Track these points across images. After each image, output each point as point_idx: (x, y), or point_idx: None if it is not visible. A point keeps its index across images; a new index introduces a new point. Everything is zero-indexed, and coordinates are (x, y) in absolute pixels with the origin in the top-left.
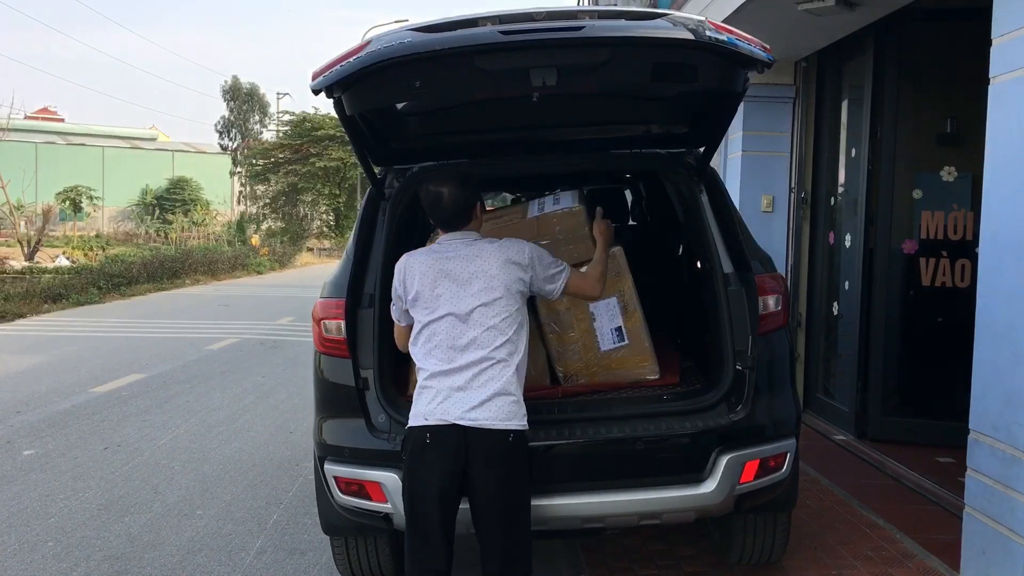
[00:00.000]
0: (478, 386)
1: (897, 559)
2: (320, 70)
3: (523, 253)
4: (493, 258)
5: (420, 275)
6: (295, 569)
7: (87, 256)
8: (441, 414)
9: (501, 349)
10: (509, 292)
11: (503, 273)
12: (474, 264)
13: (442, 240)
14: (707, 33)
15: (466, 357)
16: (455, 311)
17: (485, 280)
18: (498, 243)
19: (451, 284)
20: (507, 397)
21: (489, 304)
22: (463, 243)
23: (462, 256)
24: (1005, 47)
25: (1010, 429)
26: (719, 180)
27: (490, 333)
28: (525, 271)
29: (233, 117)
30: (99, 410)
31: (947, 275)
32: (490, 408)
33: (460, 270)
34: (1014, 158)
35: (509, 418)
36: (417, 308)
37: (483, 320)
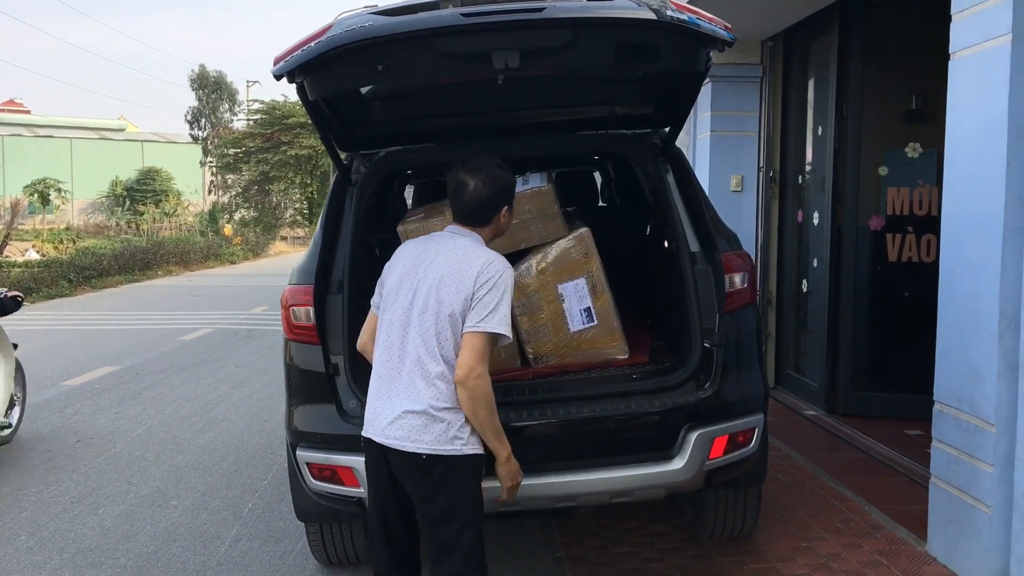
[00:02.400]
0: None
1: (866, 530)
2: (282, 55)
3: (468, 288)
4: (447, 268)
5: (400, 262)
6: (270, 557)
7: (57, 249)
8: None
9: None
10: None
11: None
12: (434, 266)
13: (447, 228)
14: (669, 13)
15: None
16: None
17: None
18: (469, 261)
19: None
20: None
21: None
22: (450, 240)
23: (434, 253)
24: (963, 23)
25: (973, 400)
26: (685, 160)
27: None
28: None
29: (202, 106)
30: (71, 403)
31: (913, 250)
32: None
33: (425, 268)
34: (974, 133)
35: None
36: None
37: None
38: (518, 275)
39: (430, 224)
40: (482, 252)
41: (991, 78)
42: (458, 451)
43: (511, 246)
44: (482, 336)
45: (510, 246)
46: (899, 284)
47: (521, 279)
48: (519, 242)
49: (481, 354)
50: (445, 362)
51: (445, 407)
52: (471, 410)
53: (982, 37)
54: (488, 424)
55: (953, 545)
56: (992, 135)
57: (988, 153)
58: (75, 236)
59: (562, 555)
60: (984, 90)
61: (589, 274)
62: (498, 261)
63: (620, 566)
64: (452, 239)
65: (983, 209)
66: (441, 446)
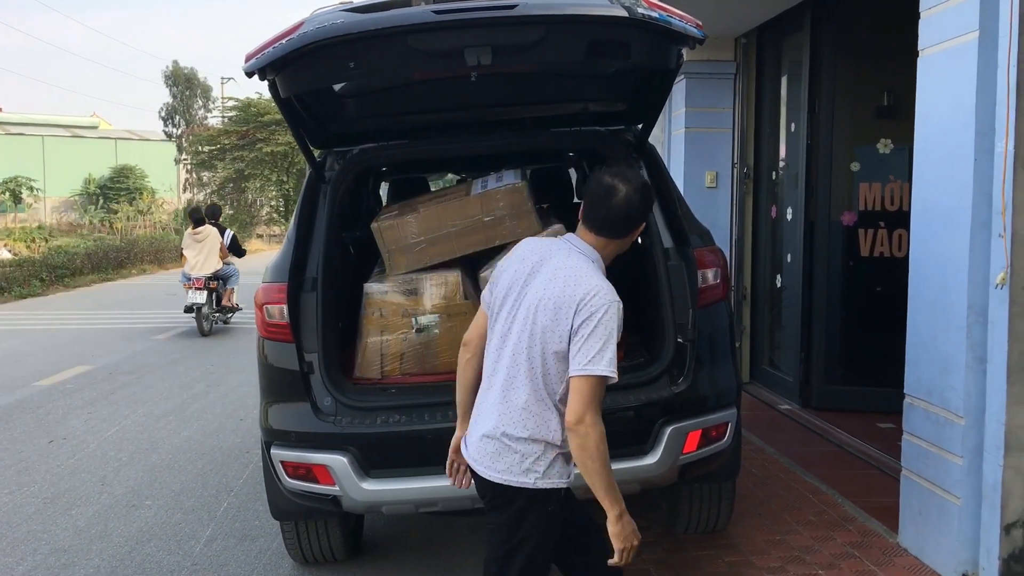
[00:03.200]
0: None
1: (838, 523)
2: (253, 52)
3: (567, 321)
4: (549, 290)
5: (514, 264)
6: (246, 556)
7: (29, 248)
8: None
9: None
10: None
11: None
12: (541, 284)
13: (567, 236)
14: (640, 10)
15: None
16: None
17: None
18: (574, 288)
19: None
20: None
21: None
22: (565, 256)
23: (547, 267)
24: (932, 20)
25: (943, 393)
26: (658, 156)
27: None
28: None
29: (176, 103)
30: (44, 403)
31: (885, 245)
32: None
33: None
34: (942, 129)
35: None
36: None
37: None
38: (491, 272)
39: (404, 221)
40: (590, 279)
41: (958, 75)
42: (531, 484)
43: (485, 243)
44: (590, 380)
45: (484, 242)
46: (871, 279)
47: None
48: (493, 239)
49: (590, 399)
50: (532, 391)
51: (522, 437)
52: (580, 460)
53: (950, 34)
54: (598, 476)
55: (923, 536)
56: (960, 131)
57: (956, 149)
58: (48, 234)
59: None
60: (952, 87)
61: None
62: (603, 293)
63: None
64: (568, 255)
65: (951, 204)
66: (514, 477)
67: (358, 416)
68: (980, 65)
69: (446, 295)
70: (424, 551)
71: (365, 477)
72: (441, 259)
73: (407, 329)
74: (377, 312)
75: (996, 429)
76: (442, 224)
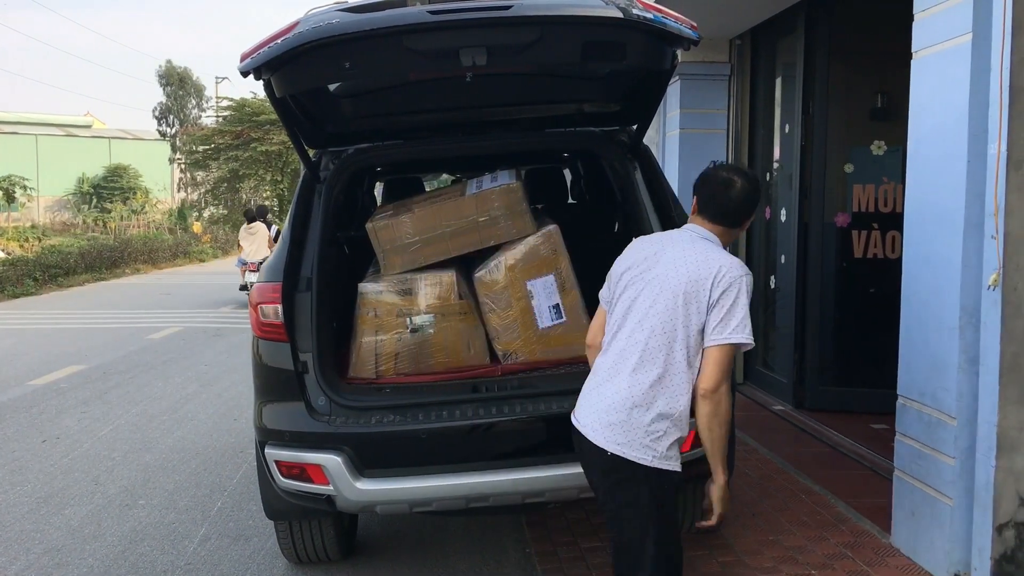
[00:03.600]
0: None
1: (831, 523)
2: (248, 52)
3: (704, 296)
4: (683, 272)
5: (630, 258)
6: (239, 555)
7: (23, 247)
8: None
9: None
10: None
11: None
12: (670, 268)
13: (687, 227)
14: (635, 11)
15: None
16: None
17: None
18: (708, 265)
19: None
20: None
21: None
22: (690, 242)
23: (672, 254)
24: (926, 22)
25: (935, 394)
26: (652, 157)
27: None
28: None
29: (170, 103)
30: (37, 403)
31: (878, 247)
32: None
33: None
34: (936, 131)
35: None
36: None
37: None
38: (486, 272)
39: (399, 221)
40: (721, 256)
41: (952, 77)
42: (648, 461)
43: (480, 243)
44: (726, 348)
45: (479, 243)
46: (865, 280)
47: (489, 276)
48: (488, 239)
49: (725, 368)
50: (659, 366)
51: (654, 414)
52: (708, 425)
53: (943, 36)
54: (721, 442)
55: (916, 537)
56: (953, 133)
57: (949, 151)
58: (41, 234)
59: (532, 550)
60: (945, 89)
61: (558, 271)
62: (736, 267)
63: (590, 561)
64: (692, 241)
65: (944, 206)
66: (632, 451)
67: (352, 416)
68: (973, 67)
69: (441, 295)
70: (418, 551)
71: (359, 477)
72: (436, 259)
73: (402, 329)
74: (372, 312)
75: (988, 430)
76: (437, 224)
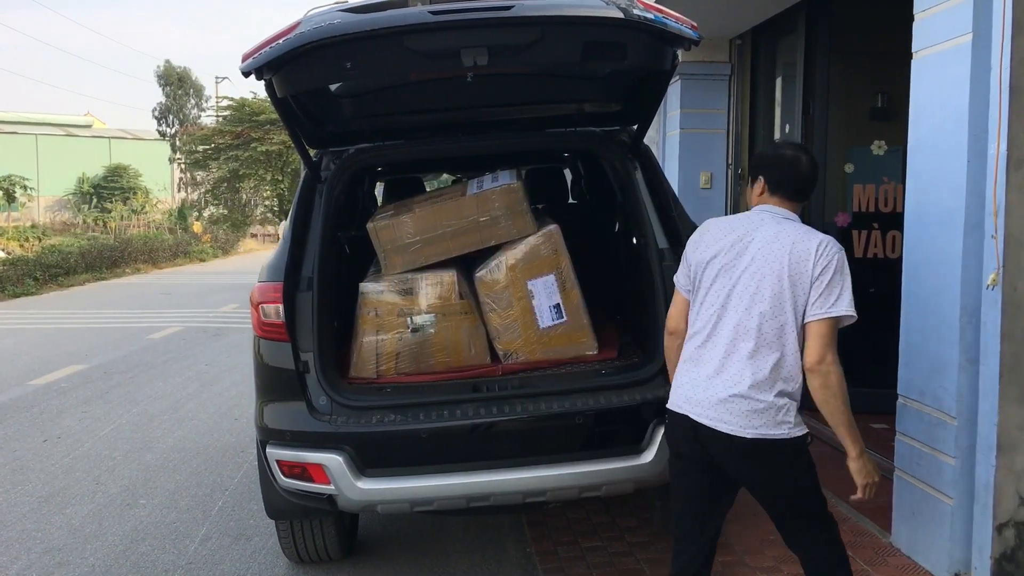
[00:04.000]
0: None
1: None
2: (249, 52)
3: (807, 274)
4: (780, 252)
5: (711, 241)
6: (241, 554)
7: (23, 247)
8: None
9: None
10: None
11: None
12: (764, 249)
13: (760, 208)
14: (636, 12)
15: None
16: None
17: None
18: (805, 243)
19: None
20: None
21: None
22: (774, 222)
23: (761, 234)
24: (926, 22)
25: (936, 393)
26: (653, 157)
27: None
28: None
29: (169, 102)
30: (38, 402)
31: (879, 247)
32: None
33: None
34: (936, 131)
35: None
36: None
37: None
38: (486, 272)
39: (400, 221)
40: (814, 233)
41: (952, 77)
42: (786, 435)
43: (480, 243)
44: (830, 322)
45: (480, 243)
46: (865, 280)
47: (490, 275)
48: (489, 239)
49: (830, 341)
50: (777, 348)
51: (769, 391)
52: (823, 399)
53: (944, 37)
54: (840, 415)
55: (916, 536)
56: (953, 133)
57: (949, 151)
58: (41, 233)
59: (532, 550)
60: (945, 89)
61: (558, 270)
62: (832, 242)
63: (590, 560)
64: (778, 222)
65: (945, 206)
66: (769, 430)
67: (353, 415)
68: (973, 67)
69: (441, 295)
70: (419, 550)
71: (360, 476)
72: (437, 259)
73: (402, 329)
74: (373, 312)
75: (988, 429)
76: (438, 224)
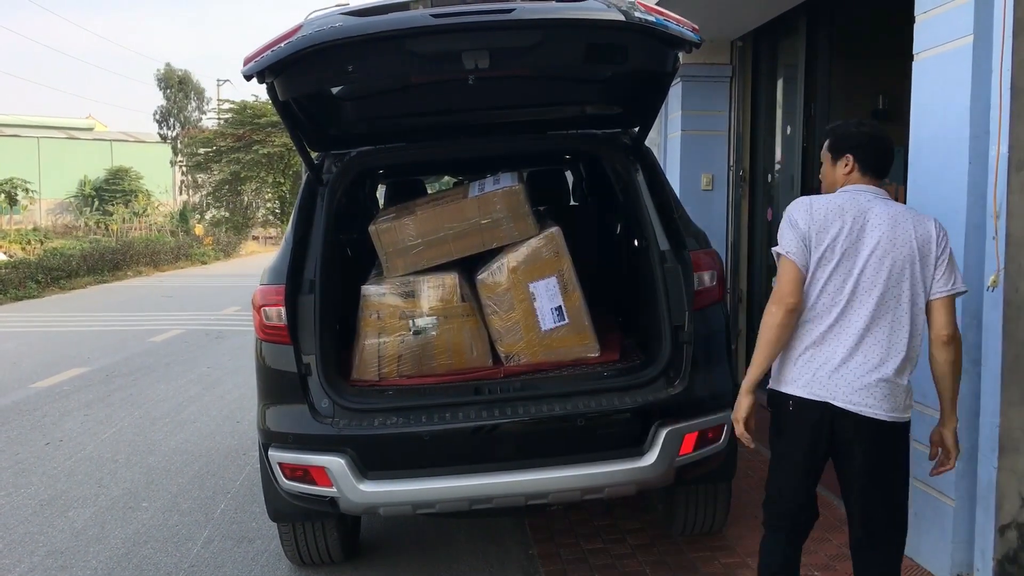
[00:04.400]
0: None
1: (835, 524)
2: (251, 55)
3: (932, 253)
4: (906, 232)
5: (826, 219)
6: (243, 557)
7: (24, 250)
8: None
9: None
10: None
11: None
12: (891, 230)
13: (856, 187)
14: (637, 14)
15: None
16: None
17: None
18: (923, 224)
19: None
20: None
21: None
22: (883, 203)
23: (876, 215)
24: (927, 24)
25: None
26: (654, 159)
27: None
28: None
29: (170, 105)
30: (40, 405)
31: None
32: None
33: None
34: (937, 132)
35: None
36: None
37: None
38: (488, 274)
39: (402, 223)
40: (924, 215)
41: (953, 79)
42: (907, 418)
43: (482, 245)
44: (953, 298)
45: (481, 245)
46: None
47: (492, 278)
48: (491, 241)
49: (954, 314)
50: (908, 328)
51: (905, 373)
52: (952, 372)
53: (945, 38)
54: (958, 386)
55: (918, 538)
56: (954, 135)
57: (950, 152)
58: (43, 237)
59: (534, 552)
60: (946, 90)
61: (560, 273)
62: (940, 223)
63: (592, 562)
64: (887, 203)
65: (946, 207)
66: (900, 414)
67: (355, 418)
68: (974, 69)
69: (443, 297)
70: (421, 553)
71: (362, 479)
72: (438, 261)
73: (404, 331)
74: (374, 314)
75: (991, 431)
76: (439, 226)
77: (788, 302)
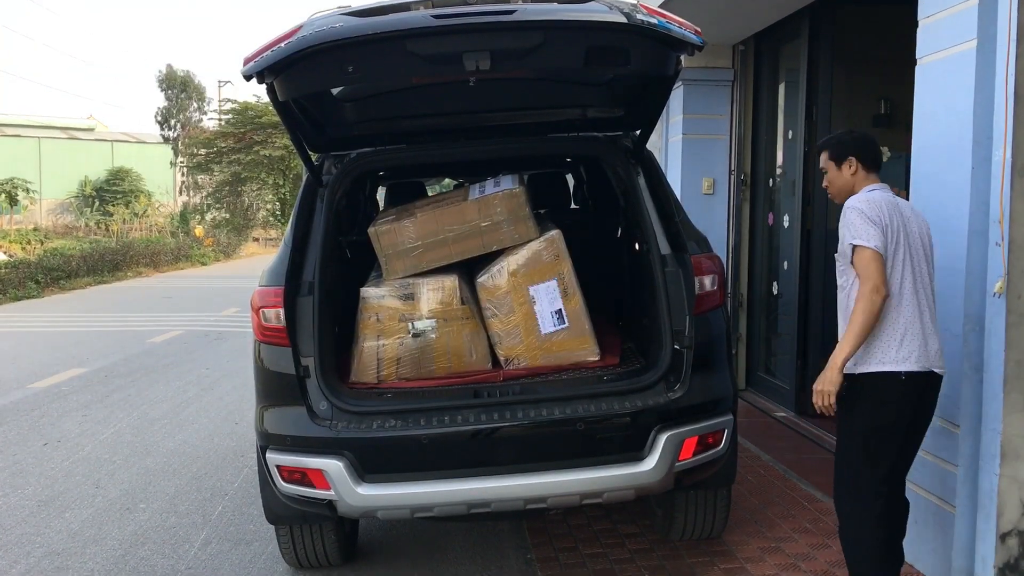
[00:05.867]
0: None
1: (834, 531)
2: (251, 55)
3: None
4: (924, 223)
5: (891, 211)
6: (240, 559)
7: (25, 250)
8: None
9: None
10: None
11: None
12: (920, 222)
13: (882, 185)
14: (639, 17)
15: None
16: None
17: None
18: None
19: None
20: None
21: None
22: (899, 198)
23: (905, 208)
24: (930, 28)
25: (939, 401)
26: (655, 162)
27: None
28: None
29: (171, 106)
30: (38, 406)
31: None
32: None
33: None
34: (940, 137)
35: None
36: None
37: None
38: (488, 277)
39: (402, 226)
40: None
41: (956, 83)
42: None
43: (482, 248)
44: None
45: (481, 247)
46: None
47: (492, 281)
48: (491, 244)
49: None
50: (934, 299)
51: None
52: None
53: (948, 43)
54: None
55: (919, 544)
56: (957, 140)
57: (953, 157)
58: (43, 237)
59: (533, 556)
60: (949, 95)
61: (560, 276)
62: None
63: (591, 567)
64: (896, 196)
65: (948, 213)
66: (943, 368)
67: (354, 420)
68: (978, 73)
69: (443, 300)
70: (419, 556)
71: (360, 482)
72: (438, 264)
73: (403, 334)
74: (374, 316)
75: (992, 438)
76: (439, 229)
77: (884, 291)
